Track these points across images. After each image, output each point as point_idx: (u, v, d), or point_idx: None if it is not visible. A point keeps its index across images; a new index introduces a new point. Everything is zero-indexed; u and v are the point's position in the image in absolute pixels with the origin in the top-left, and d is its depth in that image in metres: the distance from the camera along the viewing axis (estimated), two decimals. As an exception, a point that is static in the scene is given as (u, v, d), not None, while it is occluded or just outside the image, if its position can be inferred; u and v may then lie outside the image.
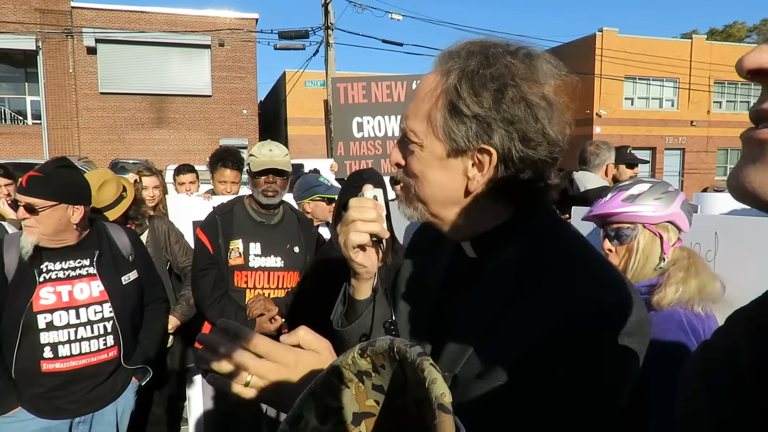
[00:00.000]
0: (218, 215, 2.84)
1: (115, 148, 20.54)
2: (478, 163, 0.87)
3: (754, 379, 0.45)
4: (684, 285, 1.68)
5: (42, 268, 2.28)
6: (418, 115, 0.90)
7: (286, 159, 2.84)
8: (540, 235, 0.89)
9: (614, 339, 0.77)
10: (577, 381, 0.76)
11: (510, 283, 0.86)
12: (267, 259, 2.80)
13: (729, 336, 0.53)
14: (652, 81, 26.40)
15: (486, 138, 0.84)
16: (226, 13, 22.06)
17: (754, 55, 0.41)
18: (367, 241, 0.98)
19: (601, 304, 0.79)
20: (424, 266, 1.08)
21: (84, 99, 20.71)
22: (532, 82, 0.84)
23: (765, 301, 0.51)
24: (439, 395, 0.49)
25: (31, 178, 2.25)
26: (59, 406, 2.30)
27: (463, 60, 0.86)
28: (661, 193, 1.78)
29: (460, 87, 0.84)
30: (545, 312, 0.79)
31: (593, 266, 0.85)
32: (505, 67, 0.84)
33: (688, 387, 0.56)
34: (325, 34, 16.64)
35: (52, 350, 2.26)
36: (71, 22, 20.13)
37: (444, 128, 0.86)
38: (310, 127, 24.57)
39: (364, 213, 0.97)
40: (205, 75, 21.93)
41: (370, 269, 1.01)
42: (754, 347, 0.47)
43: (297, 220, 2.97)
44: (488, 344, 0.84)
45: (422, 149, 0.90)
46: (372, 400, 0.62)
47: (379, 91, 4.49)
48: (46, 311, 2.25)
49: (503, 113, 0.83)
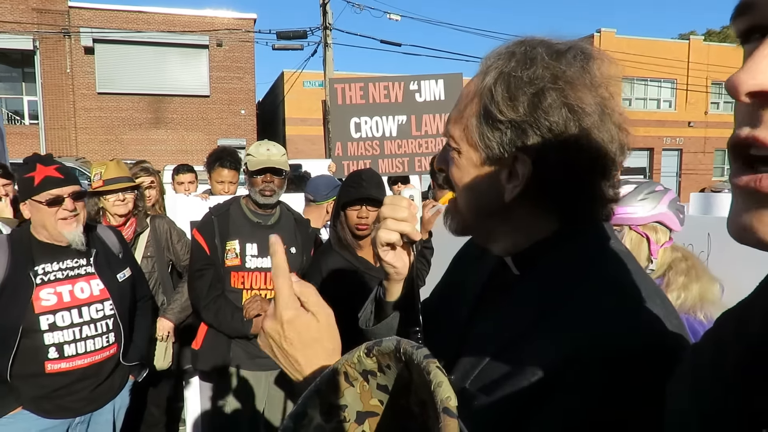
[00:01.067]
0: (214, 216, 2.84)
1: (112, 149, 20.48)
2: (514, 172, 0.80)
3: (740, 378, 0.45)
4: (686, 291, 1.67)
5: (37, 270, 2.28)
6: (457, 119, 0.86)
7: (283, 158, 2.82)
8: (579, 252, 0.82)
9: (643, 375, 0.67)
10: (593, 417, 0.67)
11: (536, 301, 0.80)
12: (264, 259, 2.79)
13: (716, 336, 0.54)
14: (649, 82, 26.41)
15: (521, 145, 0.78)
16: (224, 13, 22.03)
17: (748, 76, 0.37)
18: (397, 240, 0.95)
19: (634, 334, 0.70)
20: (467, 277, 1.03)
21: (81, 99, 20.66)
22: (578, 85, 0.77)
23: (751, 302, 0.51)
24: (444, 398, 0.48)
25: (62, 170, 2.32)
26: (64, 406, 2.31)
27: (504, 60, 0.80)
28: (647, 194, 1.77)
29: (494, 90, 0.79)
30: (569, 336, 0.71)
31: (632, 293, 0.75)
32: (546, 69, 0.77)
33: (676, 387, 0.56)
34: (323, 34, 16.64)
35: (57, 350, 2.26)
36: (68, 22, 20.08)
37: (478, 134, 0.82)
38: (308, 128, 24.55)
39: (397, 211, 0.94)
40: (203, 75, 21.89)
41: (400, 270, 0.98)
42: (740, 346, 0.47)
43: (294, 220, 2.97)
44: (503, 362, 0.78)
45: (460, 156, 0.86)
46: (376, 399, 0.62)
47: (376, 92, 4.50)
48: (48, 312, 2.26)
49: (540, 119, 0.76)
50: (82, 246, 2.33)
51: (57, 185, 2.26)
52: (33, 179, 2.25)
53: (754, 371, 0.45)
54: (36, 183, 2.24)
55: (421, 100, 4.53)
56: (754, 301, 0.51)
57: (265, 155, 2.77)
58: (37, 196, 2.24)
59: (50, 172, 2.27)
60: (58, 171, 2.28)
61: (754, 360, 0.45)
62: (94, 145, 20.53)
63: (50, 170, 2.27)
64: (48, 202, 2.24)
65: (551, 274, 0.81)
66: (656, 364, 0.67)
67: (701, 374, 0.52)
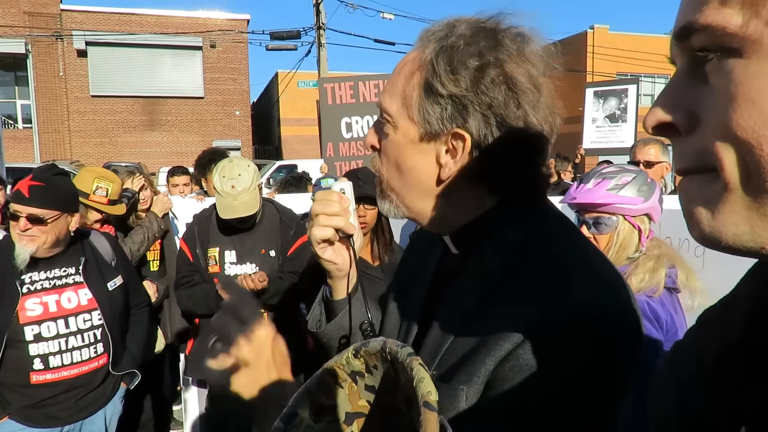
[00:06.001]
0: (196, 224, 2.85)
1: (107, 152, 20.43)
2: (452, 148, 0.79)
3: (721, 373, 0.46)
4: (652, 273, 1.69)
5: (24, 279, 2.25)
6: (394, 93, 0.82)
7: (251, 196, 2.65)
8: (524, 226, 0.80)
9: (607, 345, 0.68)
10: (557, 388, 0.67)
11: (488, 278, 0.78)
12: (243, 266, 2.78)
13: (698, 334, 0.54)
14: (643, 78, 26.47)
15: (461, 121, 0.77)
16: (217, 15, 22.00)
17: (650, 115, 0.44)
18: (332, 236, 0.92)
19: (593, 304, 0.70)
20: (417, 266, 1.01)
21: (75, 102, 20.60)
22: (518, 63, 0.76)
23: (732, 299, 0.51)
24: (425, 393, 0.50)
25: (34, 188, 2.19)
26: (52, 414, 2.28)
27: (445, 34, 0.78)
28: (643, 185, 1.78)
29: (436, 63, 0.76)
30: (527, 310, 0.70)
31: (588, 262, 0.76)
32: (488, 45, 0.76)
33: (659, 386, 0.56)
34: (317, 34, 16.61)
35: (42, 361, 2.23)
36: (61, 25, 20.01)
37: (419, 108, 0.79)
38: (303, 128, 24.53)
39: (328, 206, 0.92)
40: (197, 77, 21.85)
41: (341, 266, 0.95)
42: (722, 342, 0.47)
43: (279, 220, 2.90)
44: (459, 345, 0.76)
45: (396, 131, 0.82)
46: (364, 400, 0.64)
47: (366, 91, 4.46)
48: (33, 323, 2.22)
49: (481, 95, 0.75)
50: (22, 264, 2.21)
51: (19, 201, 2.19)
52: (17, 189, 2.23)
53: (735, 366, 0.45)
54: (11, 193, 2.23)
55: (413, 98, 4.50)
56: (735, 296, 0.51)
57: (230, 195, 2.61)
58: (11, 206, 2.23)
59: (23, 185, 2.21)
60: (31, 187, 2.20)
61: (735, 355, 0.45)
62: (89, 148, 20.48)
63: (25, 184, 2.21)
64: (11, 215, 2.22)
65: (496, 252, 0.79)
66: (611, 341, 0.68)
67: (682, 372, 0.52)
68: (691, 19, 0.39)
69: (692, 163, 0.42)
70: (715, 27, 0.37)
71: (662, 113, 0.43)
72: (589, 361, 0.67)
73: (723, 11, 0.37)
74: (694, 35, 0.40)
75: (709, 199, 0.40)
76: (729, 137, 0.37)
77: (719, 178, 0.39)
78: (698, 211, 0.41)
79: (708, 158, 0.39)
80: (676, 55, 0.44)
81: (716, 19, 0.37)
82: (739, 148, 0.37)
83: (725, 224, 0.39)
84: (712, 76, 0.39)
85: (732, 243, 0.40)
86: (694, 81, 0.41)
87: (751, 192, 0.38)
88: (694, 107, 0.41)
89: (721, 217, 0.39)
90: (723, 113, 0.38)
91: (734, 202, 0.39)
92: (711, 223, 0.40)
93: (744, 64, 0.36)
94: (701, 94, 0.40)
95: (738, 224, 0.39)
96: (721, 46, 0.38)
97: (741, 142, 0.37)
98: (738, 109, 0.37)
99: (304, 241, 2.92)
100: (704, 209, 0.41)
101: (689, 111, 0.41)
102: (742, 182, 0.38)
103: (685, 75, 0.42)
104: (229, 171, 2.64)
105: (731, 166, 0.38)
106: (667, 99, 0.44)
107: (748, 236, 0.39)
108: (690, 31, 0.40)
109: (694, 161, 0.42)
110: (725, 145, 0.38)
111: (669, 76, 0.48)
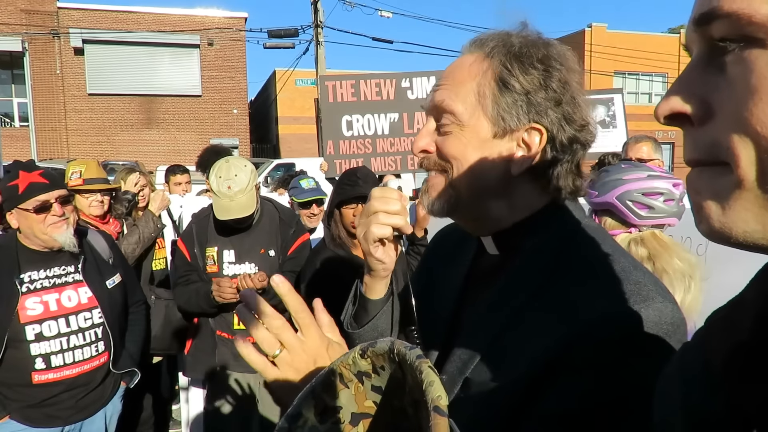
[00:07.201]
0: (194, 223, 2.83)
1: (104, 150, 20.35)
2: (525, 144, 0.82)
3: (729, 374, 0.45)
4: None
5: (23, 278, 2.23)
6: (459, 94, 0.84)
7: (248, 197, 2.62)
8: (567, 229, 0.84)
9: (650, 352, 0.69)
10: (604, 397, 0.69)
11: (535, 277, 0.80)
12: (241, 266, 2.76)
13: (706, 335, 0.53)
14: (641, 76, 26.52)
15: (536, 117, 0.81)
16: (215, 12, 21.93)
17: (663, 104, 0.43)
18: (390, 235, 0.90)
19: (633, 312, 0.71)
20: (445, 268, 1.00)
21: (72, 100, 20.52)
22: (569, 70, 0.83)
23: (741, 300, 0.51)
24: (435, 397, 0.49)
25: (44, 175, 2.27)
26: (52, 414, 2.27)
27: (503, 43, 0.83)
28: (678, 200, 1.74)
29: (509, 62, 0.81)
30: (570, 316, 0.72)
31: (631, 270, 0.77)
32: (548, 52, 0.82)
33: (665, 387, 0.56)
34: (314, 32, 16.57)
35: (44, 361, 2.22)
36: (57, 23, 19.92)
37: (493, 104, 0.82)
38: (301, 126, 24.48)
39: (389, 204, 0.89)
40: (195, 75, 21.79)
41: (388, 266, 0.94)
42: (730, 343, 0.47)
43: (278, 219, 2.88)
44: (503, 347, 0.78)
45: (462, 129, 0.84)
46: (371, 401, 0.63)
47: (368, 89, 4.45)
48: (34, 322, 2.21)
49: (551, 92, 0.81)
50: (74, 248, 2.28)
51: (43, 191, 2.21)
52: (17, 187, 2.20)
53: (743, 367, 0.44)
54: (21, 191, 2.19)
55: (413, 97, 4.48)
56: (744, 298, 0.50)
57: (227, 196, 2.58)
58: (24, 203, 2.19)
59: (34, 178, 2.22)
60: (42, 176, 2.23)
61: (743, 356, 0.45)
62: (86, 147, 20.39)
63: (34, 176, 2.22)
64: (35, 209, 2.19)
65: (544, 252, 0.82)
66: (657, 341, 0.69)
67: (690, 372, 0.51)
68: (714, 5, 0.37)
69: (704, 154, 0.41)
70: (741, 15, 0.36)
71: (677, 102, 0.42)
72: (641, 364, 0.68)
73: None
74: (715, 22, 0.38)
75: (718, 193, 0.39)
76: (747, 131, 0.36)
77: (731, 173, 0.38)
78: (707, 205, 0.40)
79: (721, 151, 0.38)
80: (692, 42, 0.42)
81: (742, 7, 0.35)
82: (758, 143, 0.36)
83: (736, 221, 0.38)
84: (732, 66, 0.38)
85: (742, 240, 0.39)
86: (711, 70, 0.40)
87: (767, 190, 0.36)
88: (708, 98, 0.40)
89: (732, 213, 0.38)
90: (742, 106, 0.36)
91: (747, 200, 0.37)
92: (721, 219, 0.39)
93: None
94: (717, 84, 0.39)
95: (749, 222, 0.38)
96: (745, 36, 0.36)
97: (761, 137, 0.35)
98: (759, 103, 0.35)
99: (304, 241, 2.91)
100: (714, 203, 0.40)
101: (703, 101, 0.40)
102: (758, 180, 0.37)
103: (700, 63, 0.41)
104: (226, 171, 2.62)
105: (747, 163, 0.37)
106: (682, 88, 0.42)
107: (760, 234, 0.38)
108: (711, 18, 0.38)
109: (706, 153, 0.40)
110: (742, 140, 0.36)
111: (666, 74, 0.46)
